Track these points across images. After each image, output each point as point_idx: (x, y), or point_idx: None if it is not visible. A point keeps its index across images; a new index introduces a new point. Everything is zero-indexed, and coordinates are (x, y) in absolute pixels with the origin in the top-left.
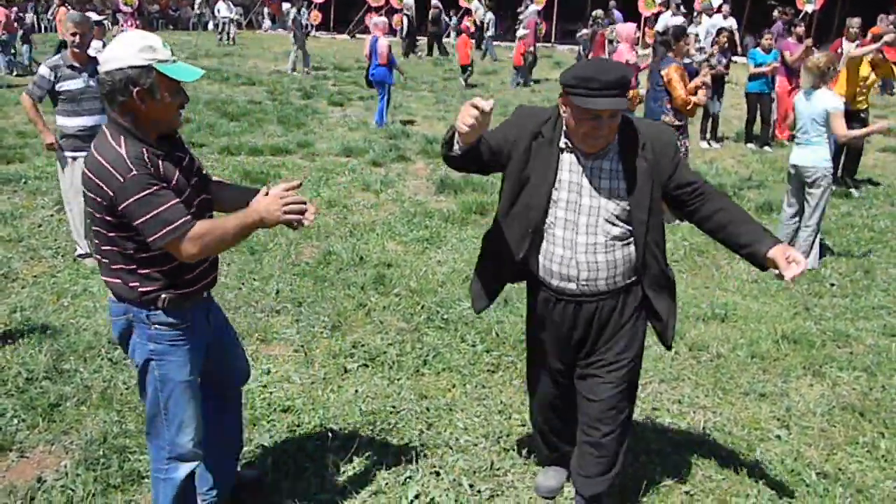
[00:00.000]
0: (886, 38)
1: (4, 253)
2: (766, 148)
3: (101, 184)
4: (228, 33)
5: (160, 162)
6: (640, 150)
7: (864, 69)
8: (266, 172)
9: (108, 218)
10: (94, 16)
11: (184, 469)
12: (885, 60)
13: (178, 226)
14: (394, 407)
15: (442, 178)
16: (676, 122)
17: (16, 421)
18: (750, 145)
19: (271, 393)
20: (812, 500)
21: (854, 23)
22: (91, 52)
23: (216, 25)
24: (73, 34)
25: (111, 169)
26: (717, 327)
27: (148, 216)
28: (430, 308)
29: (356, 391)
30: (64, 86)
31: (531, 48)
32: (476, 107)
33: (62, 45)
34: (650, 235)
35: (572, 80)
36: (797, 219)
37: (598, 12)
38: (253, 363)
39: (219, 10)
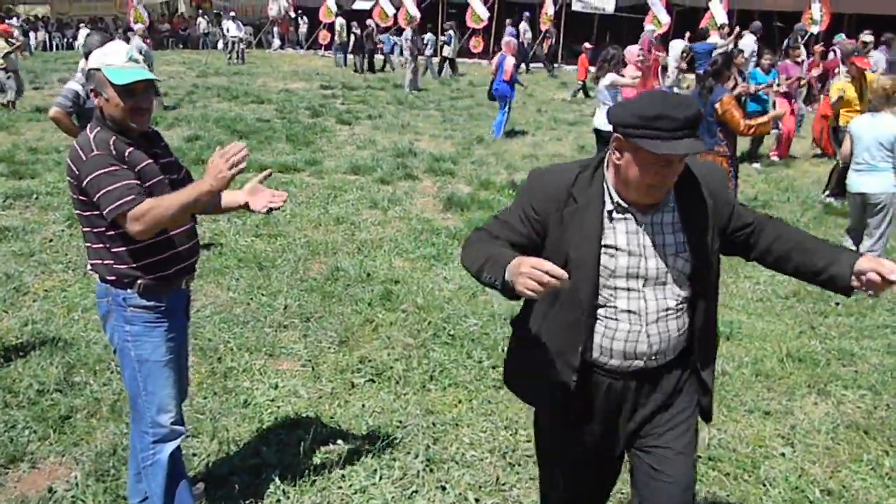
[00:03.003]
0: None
1: (16, 267)
2: (755, 165)
3: (71, 164)
4: (238, 52)
5: (128, 149)
6: (697, 194)
7: (850, 93)
8: (275, 189)
9: (81, 198)
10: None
11: (168, 448)
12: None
13: (126, 202)
14: (400, 422)
15: (449, 195)
16: (728, 153)
17: (27, 432)
18: (755, 165)
19: (279, 407)
20: None
21: (847, 47)
22: None
23: (226, 44)
24: (86, 55)
25: (79, 150)
26: (722, 345)
27: (102, 191)
28: (436, 324)
29: (363, 406)
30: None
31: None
32: (549, 274)
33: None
34: (711, 293)
35: (635, 120)
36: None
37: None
38: (260, 378)
39: (228, 30)
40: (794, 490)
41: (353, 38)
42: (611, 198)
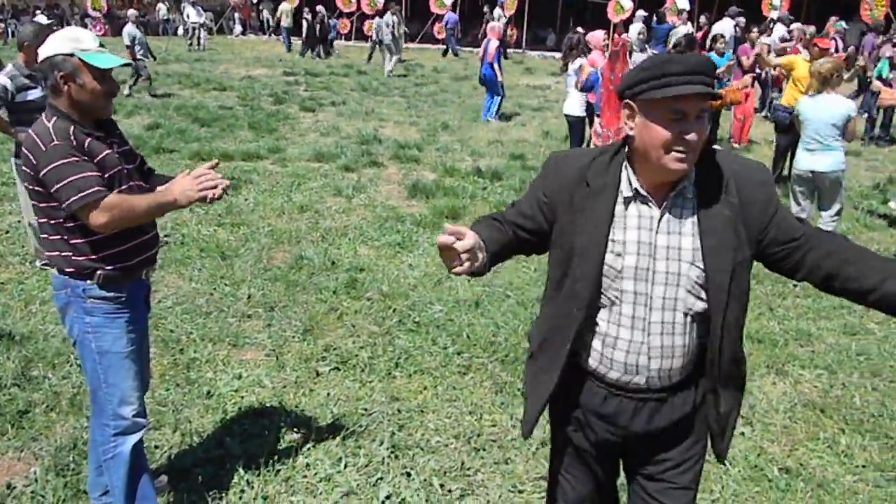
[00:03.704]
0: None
1: None
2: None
3: (28, 153)
4: (199, 39)
5: (87, 139)
6: (722, 193)
7: (802, 69)
8: (237, 178)
9: (38, 188)
10: (42, 19)
11: (130, 441)
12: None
13: (88, 194)
14: (365, 409)
15: (414, 182)
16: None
17: None
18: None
19: (242, 397)
20: (774, 494)
21: (809, 31)
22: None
23: (186, 31)
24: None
25: (37, 139)
26: None
27: (62, 183)
28: (401, 311)
29: (328, 394)
30: (27, 96)
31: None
32: (446, 247)
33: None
34: (730, 309)
35: (643, 74)
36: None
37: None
38: (224, 368)
39: (188, 16)
40: (754, 468)
41: (304, 23)
42: (629, 183)
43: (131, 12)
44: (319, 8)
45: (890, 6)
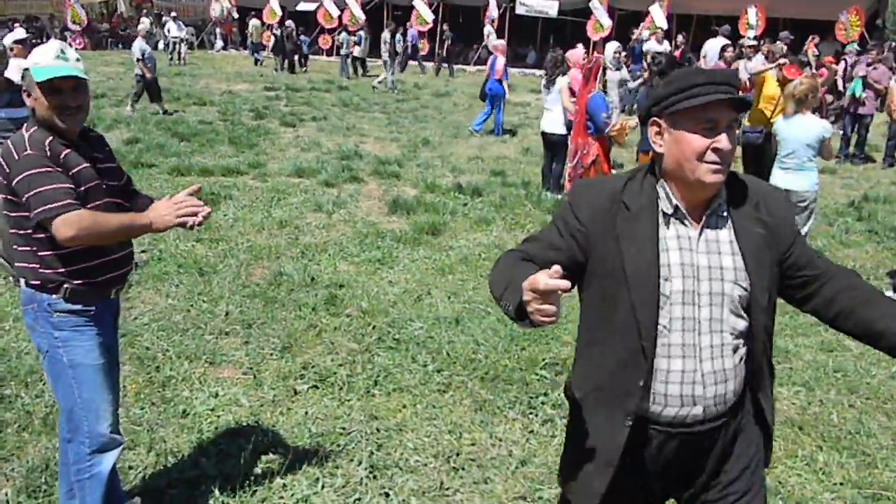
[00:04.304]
0: (780, 60)
1: None
2: None
3: (2, 162)
4: (179, 53)
5: (64, 151)
6: (754, 212)
7: (772, 88)
8: (217, 193)
9: (10, 197)
10: (21, 32)
11: (108, 459)
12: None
13: (57, 206)
14: (343, 428)
15: (394, 198)
16: None
17: None
18: None
19: (219, 416)
20: None
21: (776, 49)
22: (13, 72)
23: (167, 45)
24: None
25: (12, 148)
26: None
27: (32, 192)
28: (381, 328)
29: (306, 413)
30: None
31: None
32: (539, 291)
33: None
34: (767, 325)
35: (670, 89)
36: None
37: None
38: (200, 386)
39: (169, 30)
40: None
41: (273, 38)
42: (668, 200)
43: (141, 27)
44: (289, 23)
45: (864, 26)
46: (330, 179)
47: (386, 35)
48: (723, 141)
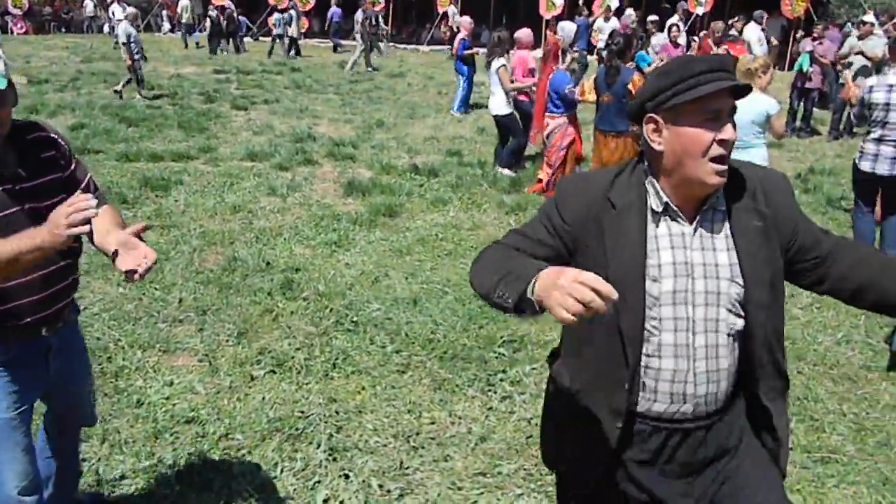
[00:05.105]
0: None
1: None
2: None
3: None
4: None
5: None
6: (751, 203)
7: None
8: (167, 178)
9: None
10: None
11: None
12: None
13: None
14: (302, 412)
15: (349, 180)
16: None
17: None
18: None
19: (174, 405)
20: None
21: (718, 26)
22: None
23: (111, 28)
24: None
25: None
26: None
27: None
28: (338, 311)
29: (263, 398)
30: None
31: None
32: (596, 292)
33: None
34: (770, 323)
35: (661, 82)
36: None
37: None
38: (154, 375)
39: (113, 13)
40: None
41: (208, 20)
42: (658, 197)
43: (130, 10)
44: (227, 3)
45: (810, 2)
46: (283, 162)
47: (359, 15)
48: (728, 131)
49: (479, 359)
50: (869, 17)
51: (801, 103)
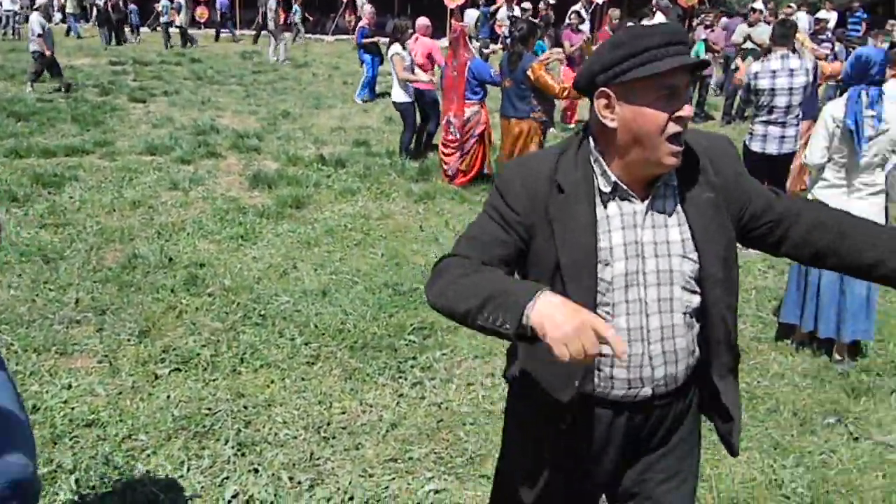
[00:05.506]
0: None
1: None
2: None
3: None
4: (13, 27)
5: None
6: (700, 174)
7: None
8: (61, 175)
9: None
10: None
11: None
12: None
13: None
14: (209, 409)
15: (255, 173)
16: (545, 119)
17: None
18: (552, 129)
19: (73, 408)
20: None
21: (615, 13)
22: None
23: (6, 20)
24: None
25: None
26: None
27: None
28: (246, 305)
29: (168, 397)
30: None
31: None
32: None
33: None
34: (725, 299)
35: (614, 55)
36: None
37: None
38: (51, 379)
39: (1, 3)
40: None
41: (94, 9)
42: (606, 177)
43: (40, 0)
44: None
45: None
46: (185, 156)
47: (272, 3)
48: (686, 109)
49: (389, 347)
50: (758, 5)
51: (696, 90)
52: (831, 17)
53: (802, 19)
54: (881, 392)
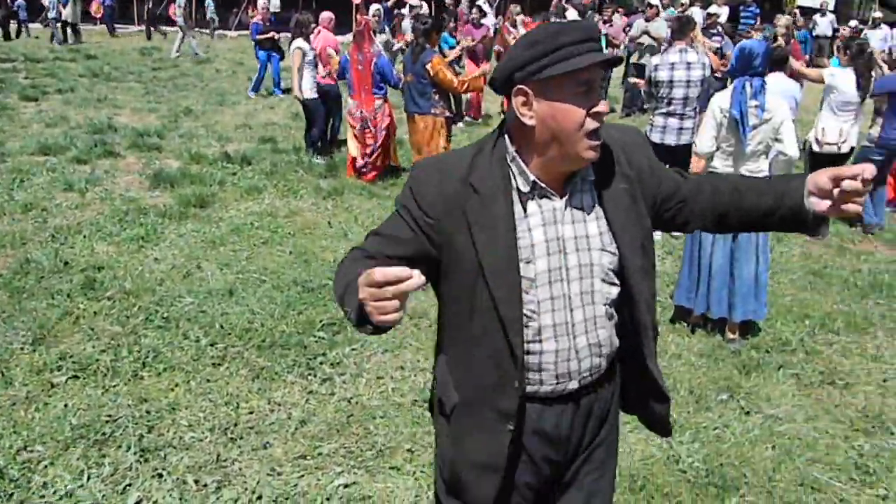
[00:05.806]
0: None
1: None
2: (459, 124)
3: None
4: None
5: None
6: (615, 166)
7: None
8: None
9: None
10: None
11: None
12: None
13: None
14: (109, 416)
15: (156, 172)
16: (448, 114)
17: None
18: (459, 124)
19: None
20: None
21: (515, 9)
22: None
23: None
24: None
25: None
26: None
27: None
28: (147, 308)
29: (66, 405)
30: None
31: None
32: (377, 283)
33: None
34: (647, 285)
35: (529, 53)
36: None
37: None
38: None
39: None
40: None
41: None
42: (524, 176)
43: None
44: None
45: None
46: (81, 155)
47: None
48: (602, 104)
49: (298, 344)
50: (654, 0)
51: None
52: (722, 11)
53: (696, 14)
54: (769, 368)
